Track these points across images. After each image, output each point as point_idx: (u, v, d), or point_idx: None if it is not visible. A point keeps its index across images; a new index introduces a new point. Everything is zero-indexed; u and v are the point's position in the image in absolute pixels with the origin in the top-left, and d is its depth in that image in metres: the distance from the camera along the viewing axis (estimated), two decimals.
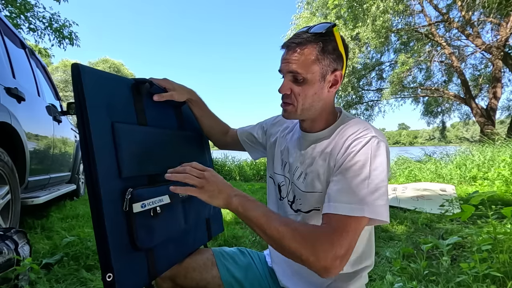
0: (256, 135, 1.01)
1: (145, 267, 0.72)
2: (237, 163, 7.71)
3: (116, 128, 0.67)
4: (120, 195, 0.66)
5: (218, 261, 0.90)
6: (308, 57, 0.70)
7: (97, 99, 0.65)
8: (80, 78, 0.63)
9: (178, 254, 0.85)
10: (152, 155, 0.77)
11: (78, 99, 0.63)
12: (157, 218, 0.73)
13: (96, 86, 0.66)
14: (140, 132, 0.75)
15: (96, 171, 0.62)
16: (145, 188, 0.72)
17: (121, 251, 0.65)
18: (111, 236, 0.63)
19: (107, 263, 0.62)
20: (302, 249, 0.59)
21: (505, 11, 8.38)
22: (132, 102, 0.76)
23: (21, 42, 2.48)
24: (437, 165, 6.08)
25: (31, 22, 7.62)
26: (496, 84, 10.09)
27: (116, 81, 0.73)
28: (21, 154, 1.98)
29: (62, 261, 1.66)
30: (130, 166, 0.69)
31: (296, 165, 0.81)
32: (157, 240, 0.73)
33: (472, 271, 1.37)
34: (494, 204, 1.83)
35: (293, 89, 0.72)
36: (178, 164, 0.87)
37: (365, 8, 9.28)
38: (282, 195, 0.86)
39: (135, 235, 0.67)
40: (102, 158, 0.63)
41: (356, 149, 0.67)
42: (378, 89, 14.09)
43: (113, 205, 0.65)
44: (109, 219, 0.63)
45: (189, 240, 0.90)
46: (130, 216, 0.66)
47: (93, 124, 0.63)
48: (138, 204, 0.68)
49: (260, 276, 0.91)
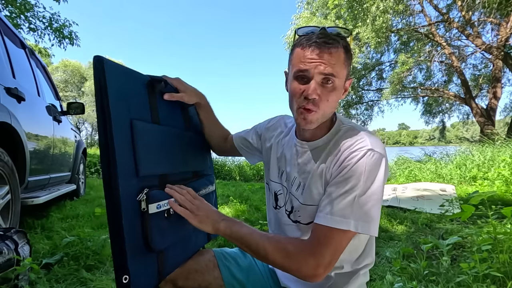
0: (251, 140, 0.98)
1: (155, 268, 0.71)
2: (237, 163, 7.71)
3: (134, 125, 0.66)
4: (136, 194, 0.65)
5: (219, 263, 0.89)
6: (341, 61, 0.66)
7: (119, 96, 0.64)
8: (103, 72, 0.61)
9: (183, 256, 0.85)
10: (164, 154, 0.77)
11: (100, 95, 0.61)
12: (170, 220, 0.72)
13: (118, 82, 0.65)
14: (155, 131, 0.74)
15: (115, 169, 0.60)
16: (159, 189, 0.71)
17: (136, 253, 0.64)
18: (128, 237, 0.61)
19: (123, 264, 0.61)
20: (285, 261, 0.64)
21: (505, 11, 8.38)
22: (147, 99, 0.75)
23: (21, 42, 2.48)
24: (437, 165, 6.08)
25: (31, 22, 7.62)
26: (496, 84, 10.09)
27: (134, 76, 0.72)
28: (21, 154, 1.98)
29: (62, 261, 1.66)
30: (146, 165, 0.68)
31: (294, 175, 0.79)
32: (169, 241, 0.73)
33: (472, 271, 1.36)
34: (494, 204, 1.83)
35: (322, 93, 0.67)
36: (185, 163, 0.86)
37: (365, 8, 9.28)
38: (279, 204, 0.85)
39: (149, 236, 0.66)
40: (122, 155, 0.62)
41: (351, 163, 0.65)
42: (378, 89, 14.10)
43: (130, 205, 0.63)
44: (126, 219, 0.61)
45: (192, 241, 0.89)
46: (145, 217, 0.65)
47: (114, 121, 0.61)
48: (154, 205, 0.67)
49: (261, 276, 0.90)
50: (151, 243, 0.66)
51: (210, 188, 0.97)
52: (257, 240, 0.67)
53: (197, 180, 0.91)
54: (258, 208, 3.26)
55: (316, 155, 0.75)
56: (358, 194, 0.63)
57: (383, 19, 9.12)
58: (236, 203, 3.52)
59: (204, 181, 0.94)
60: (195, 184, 0.87)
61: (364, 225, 0.63)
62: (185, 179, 0.86)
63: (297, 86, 0.69)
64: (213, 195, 0.99)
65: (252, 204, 3.45)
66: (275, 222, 0.88)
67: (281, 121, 0.93)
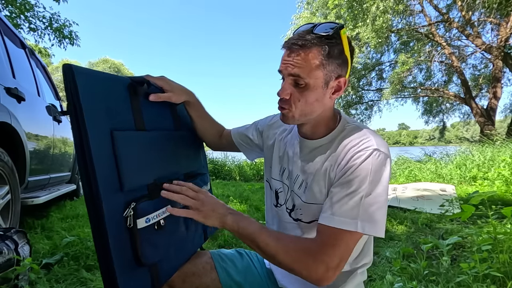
0: (252, 137, 0.96)
1: (148, 281, 0.69)
2: (237, 163, 7.70)
3: (115, 136, 0.61)
4: (123, 210, 0.62)
5: (217, 264, 0.88)
6: (312, 62, 0.65)
7: (94, 104, 0.58)
8: (74, 80, 0.56)
9: (179, 261, 0.83)
10: (152, 162, 0.72)
11: (73, 104, 0.56)
12: (162, 231, 0.69)
13: (92, 89, 0.59)
14: (139, 139, 0.69)
15: (97, 186, 0.56)
16: (148, 200, 0.66)
17: (125, 269, 0.61)
18: (115, 255, 0.58)
19: (113, 283, 0.58)
20: (295, 265, 0.62)
21: (505, 11, 8.38)
22: (129, 105, 0.69)
23: (21, 42, 2.48)
24: (437, 165, 6.08)
25: (31, 22, 7.62)
26: (496, 84, 10.09)
27: (112, 81, 0.66)
28: (21, 154, 1.98)
29: (62, 261, 1.66)
30: (131, 177, 0.64)
31: (297, 173, 0.79)
32: (161, 254, 0.70)
33: (472, 271, 1.36)
34: (494, 204, 1.83)
35: (293, 93, 0.68)
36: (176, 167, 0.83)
37: (365, 8, 9.28)
38: (280, 202, 0.84)
39: (140, 251, 0.63)
40: (102, 170, 0.57)
41: (357, 163, 0.65)
42: (378, 89, 14.10)
43: (115, 222, 0.59)
44: (112, 237, 0.58)
45: (188, 245, 0.87)
46: (134, 233, 0.62)
47: (91, 133, 0.56)
48: (143, 220, 0.63)
49: (259, 277, 0.90)
50: (142, 258, 0.63)
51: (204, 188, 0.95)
52: (265, 239, 0.65)
53: (192, 181, 0.89)
54: (258, 208, 3.26)
55: (319, 154, 0.75)
56: (364, 195, 0.63)
57: (383, 19, 9.12)
58: (236, 203, 3.52)
59: (197, 182, 0.91)
60: None
61: (371, 226, 0.62)
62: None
63: (281, 85, 0.71)
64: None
65: (252, 204, 3.45)
66: (275, 220, 0.87)
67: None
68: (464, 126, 51.76)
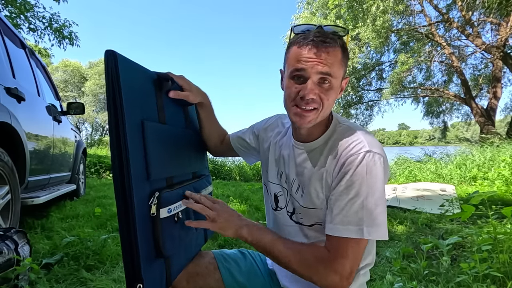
0: (249, 140, 0.96)
1: (164, 274, 0.69)
2: (237, 163, 7.71)
3: (145, 126, 0.63)
4: (148, 199, 0.62)
5: (220, 265, 0.87)
6: (338, 61, 0.65)
7: (131, 94, 0.60)
8: (117, 69, 0.57)
9: (187, 258, 0.83)
10: (171, 155, 0.74)
11: (112, 93, 0.57)
12: (178, 224, 0.70)
13: (131, 79, 0.61)
14: (163, 131, 0.71)
15: (129, 173, 0.57)
16: (169, 191, 0.67)
17: (148, 260, 0.61)
18: (141, 244, 0.58)
19: (137, 273, 0.58)
20: (310, 274, 0.65)
21: (505, 11, 8.38)
22: (154, 98, 0.71)
23: (21, 42, 2.48)
24: (437, 165, 6.09)
25: (31, 22, 7.62)
26: (496, 84, 10.09)
27: (143, 73, 0.69)
28: (21, 154, 1.98)
29: (62, 261, 1.66)
30: (156, 167, 0.65)
31: (293, 178, 0.78)
32: (178, 246, 0.71)
33: (472, 271, 1.37)
34: (494, 204, 1.84)
35: (319, 92, 0.66)
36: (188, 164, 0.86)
37: (365, 8, 9.27)
38: (280, 206, 0.84)
39: (161, 242, 0.63)
40: (135, 159, 0.59)
41: (351, 168, 0.65)
42: (378, 89, 14.09)
43: (142, 210, 0.60)
44: (140, 226, 0.58)
45: (192, 244, 0.88)
46: (156, 222, 0.62)
47: (128, 122, 0.58)
48: (165, 209, 0.64)
49: (262, 278, 0.90)
50: (163, 249, 0.63)
51: (209, 188, 0.96)
52: (279, 249, 0.68)
53: (198, 181, 0.90)
54: (258, 208, 3.26)
55: (314, 157, 0.74)
56: (364, 199, 0.63)
57: (383, 19, 9.12)
58: (236, 203, 3.52)
59: (204, 182, 0.93)
60: (196, 185, 0.86)
61: (376, 231, 0.63)
62: (186, 180, 0.85)
63: (293, 86, 0.67)
64: (210, 195, 0.99)
65: (252, 204, 3.45)
66: (275, 224, 0.87)
67: (279, 121, 0.91)
68: (464, 126, 51.78)
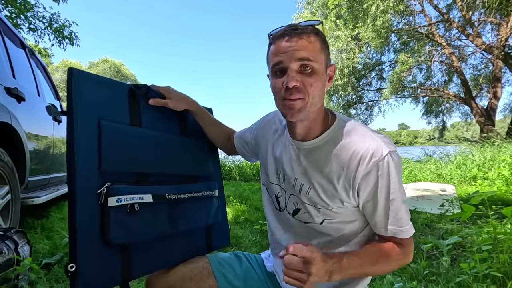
0: (248, 140, 0.96)
1: (119, 266, 0.71)
2: (237, 163, 7.70)
3: (102, 125, 0.71)
4: (97, 188, 0.69)
5: (215, 269, 0.84)
6: (316, 45, 0.66)
7: (85, 99, 0.70)
8: (71, 79, 0.68)
9: (165, 259, 0.82)
10: (141, 154, 0.79)
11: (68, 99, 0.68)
12: (134, 216, 0.72)
13: (87, 88, 0.71)
14: (130, 132, 0.78)
15: (73, 162, 0.65)
16: (127, 184, 0.73)
17: (90, 244, 0.66)
18: (80, 227, 0.64)
19: (73, 254, 0.63)
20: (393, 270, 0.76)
21: (505, 11, 8.38)
22: (127, 105, 0.80)
23: (21, 42, 2.48)
24: (437, 165, 6.08)
25: (31, 22, 7.61)
26: (496, 84, 10.09)
27: (111, 85, 0.78)
28: (21, 154, 1.98)
29: (62, 261, 1.66)
30: (112, 161, 0.72)
31: (295, 177, 0.77)
32: (132, 237, 0.72)
33: (472, 271, 1.36)
34: (494, 204, 1.83)
35: (303, 80, 0.65)
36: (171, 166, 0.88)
37: (365, 8, 9.27)
38: (281, 207, 0.83)
39: (107, 229, 0.67)
40: (82, 151, 0.67)
41: (383, 172, 0.67)
42: (378, 89, 14.09)
43: (87, 197, 0.67)
44: (81, 210, 0.65)
45: (181, 246, 0.86)
46: (104, 210, 0.68)
47: (77, 119, 0.67)
48: (114, 198, 0.69)
49: (259, 281, 0.88)
50: (109, 237, 0.68)
51: (207, 193, 0.95)
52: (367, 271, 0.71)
53: (191, 184, 0.91)
54: (258, 208, 3.26)
55: (320, 156, 0.72)
56: (402, 198, 0.70)
57: (383, 19, 9.11)
58: (236, 203, 3.52)
59: (199, 186, 0.93)
60: (184, 187, 0.87)
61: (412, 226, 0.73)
62: (174, 180, 0.87)
63: (277, 81, 0.68)
64: (212, 200, 0.97)
65: (252, 204, 3.45)
66: (282, 225, 0.84)
67: (276, 118, 0.89)
68: (464, 126, 51.74)
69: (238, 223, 2.67)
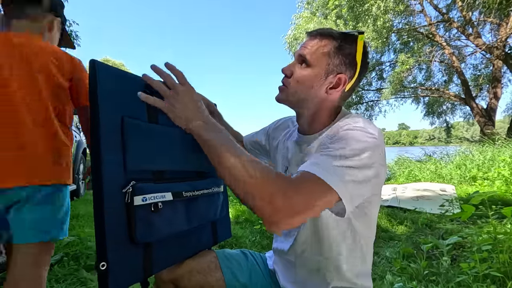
0: (261, 141, 1.00)
1: (141, 263, 0.72)
2: None
3: (125, 122, 0.70)
4: (123, 187, 0.68)
5: (222, 264, 0.88)
6: (322, 48, 0.71)
7: (109, 94, 0.69)
8: (95, 73, 0.66)
9: (178, 255, 0.84)
10: (158, 152, 0.79)
11: (91, 93, 0.66)
12: (158, 214, 0.73)
13: (110, 83, 0.69)
14: (148, 129, 0.77)
15: (100, 161, 0.64)
16: (149, 183, 0.73)
17: (118, 243, 0.66)
18: (109, 226, 0.64)
19: (103, 252, 0.63)
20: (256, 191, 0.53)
21: (505, 11, 8.38)
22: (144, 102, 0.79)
23: None
24: (437, 165, 6.08)
25: None
26: (496, 84, 10.09)
27: (129, 79, 0.76)
28: None
29: (62, 261, 1.66)
30: (135, 159, 0.71)
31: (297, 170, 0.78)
32: (156, 235, 0.73)
33: (472, 271, 1.37)
34: (494, 204, 1.84)
35: (294, 72, 0.74)
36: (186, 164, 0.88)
37: (365, 8, 9.28)
38: None
39: (134, 228, 0.68)
40: (108, 149, 0.66)
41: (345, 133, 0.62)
42: (378, 89, 14.09)
43: (114, 196, 0.66)
44: (109, 209, 0.64)
45: (191, 242, 0.89)
46: (130, 209, 0.68)
47: (102, 117, 0.66)
48: (139, 197, 0.69)
49: (263, 278, 0.90)
50: (136, 235, 0.68)
51: (215, 189, 0.96)
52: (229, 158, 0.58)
53: (202, 180, 0.92)
54: None
55: (313, 148, 0.75)
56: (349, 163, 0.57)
57: (384, 20, 9.12)
58: (236, 203, 3.52)
59: (208, 182, 0.94)
60: (197, 183, 0.88)
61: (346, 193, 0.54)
62: (186, 177, 0.88)
63: None
64: (219, 196, 0.99)
65: None
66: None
67: (289, 122, 0.94)
68: (464, 126, 51.72)
69: (238, 223, 2.67)
